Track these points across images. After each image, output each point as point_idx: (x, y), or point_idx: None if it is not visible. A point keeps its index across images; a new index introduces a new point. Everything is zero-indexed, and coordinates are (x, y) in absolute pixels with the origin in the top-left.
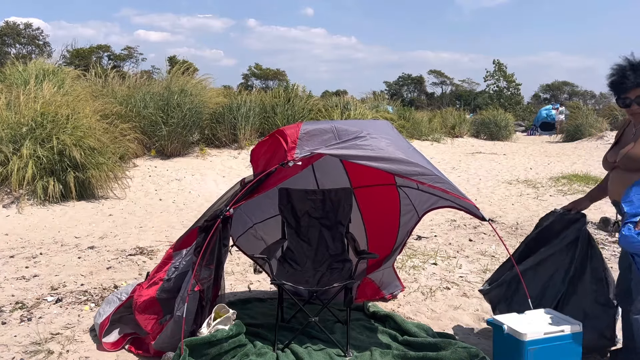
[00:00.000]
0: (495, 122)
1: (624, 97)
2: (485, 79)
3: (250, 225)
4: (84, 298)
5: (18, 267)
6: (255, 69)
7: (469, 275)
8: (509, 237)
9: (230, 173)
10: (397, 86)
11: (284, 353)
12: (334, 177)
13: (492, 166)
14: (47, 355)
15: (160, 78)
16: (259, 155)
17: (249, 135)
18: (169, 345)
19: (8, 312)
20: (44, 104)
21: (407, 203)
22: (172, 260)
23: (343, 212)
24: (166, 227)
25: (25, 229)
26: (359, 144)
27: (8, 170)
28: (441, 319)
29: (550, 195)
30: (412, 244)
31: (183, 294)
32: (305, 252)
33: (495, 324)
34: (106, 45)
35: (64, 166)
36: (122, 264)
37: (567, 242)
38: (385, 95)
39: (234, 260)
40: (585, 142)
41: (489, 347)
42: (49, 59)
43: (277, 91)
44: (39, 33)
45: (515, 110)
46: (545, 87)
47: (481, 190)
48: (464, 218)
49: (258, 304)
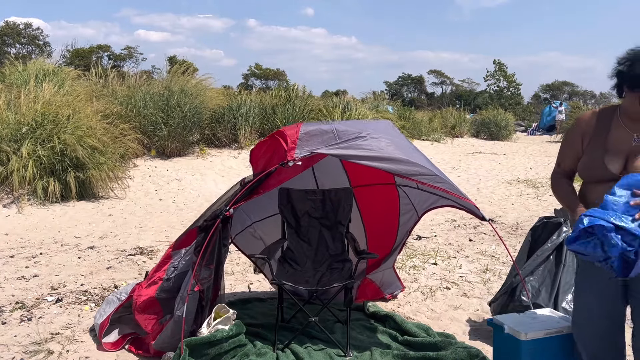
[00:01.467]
0: (495, 122)
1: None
2: (486, 79)
3: (249, 223)
4: (84, 298)
5: (18, 267)
6: (255, 69)
7: (469, 275)
8: (509, 237)
9: (230, 173)
10: (397, 86)
11: (284, 353)
12: (333, 176)
13: (492, 166)
14: (47, 355)
15: (160, 78)
16: (258, 156)
17: (249, 135)
18: (169, 345)
19: (8, 312)
20: (44, 104)
21: (407, 202)
22: (171, 259)
23: (343, 212)
24: (166, 227)
25: (25, 229)
26: (359, 144)
27: (8, 170)
28: (441, 319)
29: (550, 195)
30: (412, 244)
31: (183, 294)
32: (305, 252)
33: (495, 324)
34: (106, 45)
35: (64, 166)
36: (122, 264)
37: (556, 246)
38: (385, 95)
39: (234, 260)
40: None
41: (489, 347)
42: (49, 59)
43: (277, 91)
44: (39, 33)
45: (515, 110)
46: (545, 87)
47: (481, 190)
48: (464, 218)
49: (258, 304)
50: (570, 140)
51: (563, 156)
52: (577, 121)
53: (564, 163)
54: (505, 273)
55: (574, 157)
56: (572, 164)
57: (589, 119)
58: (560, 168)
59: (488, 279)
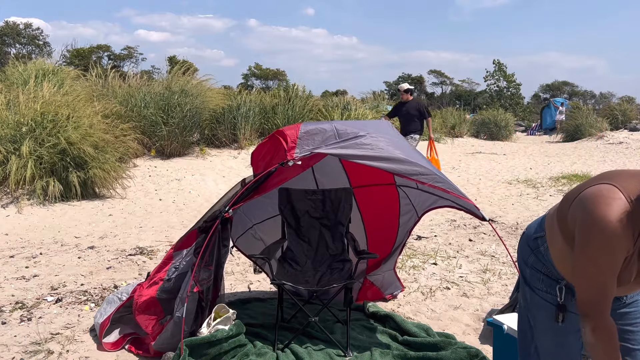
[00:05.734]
0: (495, 122)
1: None
2: (486, 79)
3: (249, 225)
4: (84, 298)
5: (18, 267)
6: (255, 69)
7: (469, 275)
8: (509, 237)
9: (230, 173)
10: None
11: (284, 353)
12: (333, 176)
13: (492, 166)
14: (47, 355)
15: (160, 78)
16: (259, 157)
17: (249, 135)
18: (169, 346)
19: (8, 312)
20: (43, 104)
21: (407, 203)
22: (172, 260)
23: (343, 212)
24: (166, 227)
25: (25, 229)
26: (359, 143)
27: (7, 170)
28: (441, 319)
29: (550, 195)
30: (412, 244)
31: (182, 295)
32: (305, 252)
33: (495, 324)
34: (106, 45)
35: (65, 165)
36: (122, 264)
37: None
38: (385, 95)
39: (234, 260)
40: (585, 142)
41: (489, 347)
42: (49, 58)
43: (277, 91)
44: (39, 33)
45: (515, 110)
46: (545, 87)
47: (481, 190)
48: (464, 218)
49: (258, 304)
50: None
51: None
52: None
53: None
54: (505, 273)
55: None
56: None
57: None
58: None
59: (488, 279)
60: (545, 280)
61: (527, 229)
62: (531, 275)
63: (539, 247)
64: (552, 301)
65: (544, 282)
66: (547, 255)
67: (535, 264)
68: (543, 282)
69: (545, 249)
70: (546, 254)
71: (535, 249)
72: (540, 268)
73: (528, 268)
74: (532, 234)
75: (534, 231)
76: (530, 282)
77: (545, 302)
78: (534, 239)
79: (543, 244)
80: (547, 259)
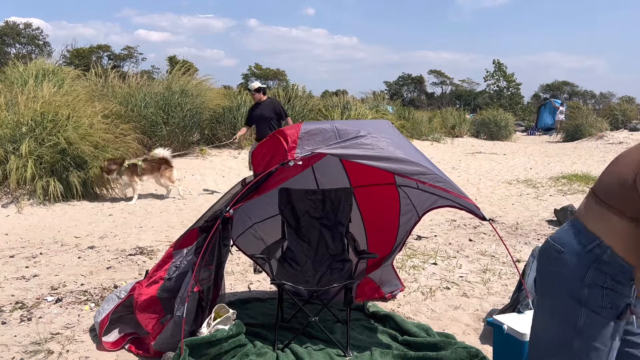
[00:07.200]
0: (495, 122)
1: None
2: (485, 79)
3: (249, 224)
4: (84, 298)
5: (18, 267)
6: (256, 69)
7: (469, 275)
8: (509, 237)
9: (230, 173)
10: (397, 86)
11: (284, 353)
12: (333, 176)
13: (492, 166)
14: (47, 355)
15: (160, 78)
16: (259, 157)
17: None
18: (169, 345)
19: (8, 312)
20: (43, 104)
21: (407, 202)
22: (172, 258)
23: (343, 212)
24: (166, 227)
25: (25, 228)
26: (360, 143)
27: (7, 170)
28: (441, 319)
29: (550, 195)
30: (412, 243)
31: (183, 295)
32: (305, 252)
33: (495, 324)
34: (106, 45)
35: (65, 165)
36: (122, 264)
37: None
38: (385, 95)
39: (234, 260)
40: (585, 142)
41: (489, 347)
42: (49, 58)
43: (277, 91)
44: (39, 33)
45: (515, 110)
46: (545, 87)
47: (481, 190)
48: (464, 218)
49: (258, 304)
50: None
51: None
52: None
53: None
54: (505, 273)
55: None
56: None
57: None
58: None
59: (488, 279)
60: (610, 294)
61: (565, 253)
62: (590, 295)
63: (600, 257)
64: (613, 317)
65: (608, 297)
66: (614, 258)
67: (597, 279)
68: (607, 297)
69: (609, 254)
70: (613, 257)
71: (596, 261)
72: (603, 282)
73: (586, 288)
74: (583, 250)
75: (582, 246)
76: (588, 303)
77: (606, 320)
78: (587, 252)
79: (605, 250)
80: (614, 262)
